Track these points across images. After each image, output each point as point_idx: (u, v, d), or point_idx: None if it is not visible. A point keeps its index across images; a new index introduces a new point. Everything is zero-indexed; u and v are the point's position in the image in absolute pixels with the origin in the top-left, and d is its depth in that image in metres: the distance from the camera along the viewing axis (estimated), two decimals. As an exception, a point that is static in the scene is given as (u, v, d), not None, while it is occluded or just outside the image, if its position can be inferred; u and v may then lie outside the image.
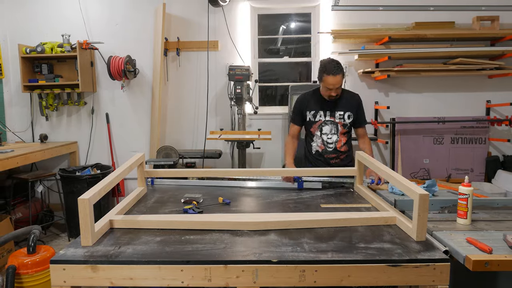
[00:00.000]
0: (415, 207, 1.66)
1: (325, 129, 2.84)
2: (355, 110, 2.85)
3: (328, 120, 2.83)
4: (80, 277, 1.53)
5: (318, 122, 2.84)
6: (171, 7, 4.63)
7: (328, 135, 2.83)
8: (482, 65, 4.28)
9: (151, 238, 1.73)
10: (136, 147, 4.81)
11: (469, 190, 1.83)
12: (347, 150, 2.89)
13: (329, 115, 2.83)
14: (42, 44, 4.46)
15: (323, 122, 2.84)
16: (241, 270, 1.51)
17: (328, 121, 2.84)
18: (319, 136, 2.86)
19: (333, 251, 1.59)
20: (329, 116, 2.83)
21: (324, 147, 2.85)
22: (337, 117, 2.83)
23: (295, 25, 4.97)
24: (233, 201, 2.32)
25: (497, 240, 1.65)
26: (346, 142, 2.86)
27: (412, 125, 4.61)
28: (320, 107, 2.85)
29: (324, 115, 2.84)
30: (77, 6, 4.64)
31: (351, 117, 2.84)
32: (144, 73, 4.76)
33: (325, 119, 2.84)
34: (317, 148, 2.87)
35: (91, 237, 1.66)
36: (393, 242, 1.67)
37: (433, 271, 1.50)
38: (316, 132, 2.86)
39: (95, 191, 1.73)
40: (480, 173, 4.58)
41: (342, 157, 2.87)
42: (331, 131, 2.84)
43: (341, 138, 2.84)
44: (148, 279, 1.52)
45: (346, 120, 2.83)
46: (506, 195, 3.97)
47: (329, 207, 2.18)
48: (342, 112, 2.82)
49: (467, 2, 4.31)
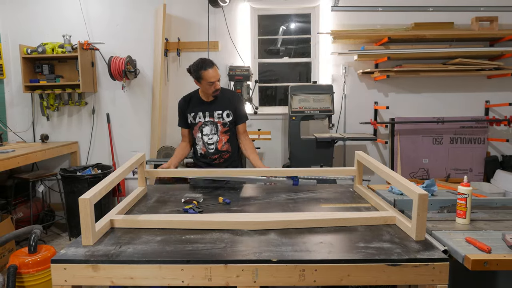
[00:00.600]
0: (415, 206, 1.67)
1: (206, 130, 2.80)
2: (234, 107, 2.82)
3: (208, 120, 2.79)
4: (81, 277, 1.54)
5: (199, 123, 2.80)
6: (171, 7, 4.65)
7: (209, 135, 2.80)
8: (481, 66, 4.30)
9: (152, 238, 1.74)
10: (136, 147, 4.82)
11: (468, 190, 1.84)
12: (230, 150, 2.86)
13: (208, 115, 2.79)
14: (43, 44, 4.48)
15: (203, 123, 2.80)
16: (241, 270, 1.51)
17: (208, 121, 2.79)
18: (200, 138, 2.82)
19: (333, 250, 1.60)
20: (208, 116, 2.79)
21: (205, 149, 2.82)
22: (216, 116, 2.79)
23: (295, 25, 4.98)
24: (233, 201, 2.32)
25: (496, 239, 1.65)
26: (228, 141, 2.83)
27: (411, 125, 4.62)
28: (199, 109, 2.80)
29: (203, 116, 2.80)
30: (78, 6, 4.66)
31: (230, 115, 2.81)
32: (145, 73, 4.79)
33: (205, 120, 2.79)
34: (200, 150, 2.84)
35: (92, 237, 1.67)
36: (393, 241, 1.67)
37: (432, 271, 1.50)
38: (198, 134, 2.82)
39: (95, 191, 1.74)
40: (479, 173, 4.60)
41: (225, 156, 2.85)
42: (211, 131, 2.80)
43: (222, 138, 2.81)
44: (149, 278, 1.53)
45: (225, 119, 2.79)
46: (505, 194, 3.97)
47: (329, 207, 2.18)
48: (221, 111, 2.79)
49: (466, 3, 4.32)
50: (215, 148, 2.81)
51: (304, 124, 4.64)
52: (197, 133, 2.81)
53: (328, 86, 4.37)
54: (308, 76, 4.94)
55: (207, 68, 2.62)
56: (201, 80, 2.65)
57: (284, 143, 4.85)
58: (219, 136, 2.81)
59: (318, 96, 4.29)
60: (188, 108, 2.83)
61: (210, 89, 2.69)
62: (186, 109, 2.84)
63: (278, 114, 4.84)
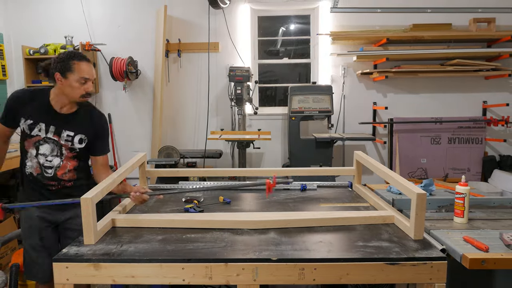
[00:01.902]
0: (413, 206, 1.68)
1: (43, 148, 2.06)
2: (93, 135, 2.14)
3: (50, 138, 2.06)
4: (83, 275, 1.54)
5: (35, 138, 2.04)
6: (172, 9, 4.69)
7: (48, 156, 2.07)
8: (479, 66, 4.34)
9: (153, 237, 1.75)
10: (138, 147, 4.85)
11: (466, 190, 1.85)
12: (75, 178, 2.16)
13: (53, 132, 2.05)
14: (45, 45, 4.52)
15: (42, 139, 2.05)
16: (241, 268, 1.52)
17: (49, 139, 2.05)
18: (33, 156, 2.06)
19: (332, 249, 1.61)
20: (53, 133, 2.05)
21: (40, 171, 2.08)
22: (63, 138, 2.08)
23: (295, 27, 5.02)
24: (234, 200, 2.34)
25: (493, 238, 1.67)
26: (75, 169, 2.15)
27: (409, 126, 4.66)
28: (43, 118, 2.04)
29: (46, 130, 2.04)
30: (79, 8, 4.70)
31: (83, 142, 2.12)
32: (146, 74, 4.82)
33: (46, 135, 2.05)
34: (32, 170, 2.08)
35: (94, 236, 1.68)
36: (391, 240, 1.69)
37: (431, 269, 1.52)
38: (31, 149, 2.06)
39: (97, 190, 1.75)
40: (477, 172, 4.63)
41: (67, 184, 2.15)
42: (52, 153, 2.08)
43: (67, 163, 2.11)
44: (150, 277, 1.54)
45: (76, 145, 2.10)
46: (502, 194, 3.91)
47: (328, 206, 2.19)
48: (72, 133, 2.09)
49: (464, 4, 4.36)
50: (53, 174, 2.10)
51: (304, 124, 4.67)
52: (29, 148, 2.06)
53: (327, 86, 4.41)
54: (308, 76, 4.97)
55: (82, 60, 1.99)
56: (68, 74, 1.96)
57: (283, 143, 4.88)
58: (62, 160, 2.10)
59: (318, 96, 4.34)
60: (24, 109, 2.02)
61: (78, 90, 2.00)
62: (20, 108, 2.02)
63: (278, 115, 4.88)
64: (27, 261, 2.16)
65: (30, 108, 2.03)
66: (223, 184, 2.57)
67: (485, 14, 4.35)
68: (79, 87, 1.99)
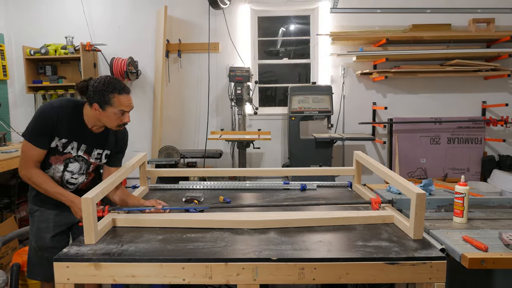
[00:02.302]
0: (412, 206, 1.68)
1: (73, 166, 2.04)
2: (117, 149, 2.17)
3: (80, 156, 2.04)
4: (84, 275, 1.55)
5: (66, 155, 2.01)
6: (172, 9, 4.71)
7: (74, 174, 2.07)
8: (478, 67, 4.36)
9: (153, 237, 1.75)
10: (138, 147, 4.82)
11: (465, 189, 1.85)
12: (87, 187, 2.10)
13: (83, 150, 2.04)
14: (46, 46, 4.54)
15: (72, 157, 2.02)
16: (241, 268, 1.52)
17: (79, 157, 2.04)
18: (60, 171, 2.03)
19: (332, 249, 1.62)
20: (83, 151, 2.04)
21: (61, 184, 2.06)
22: (93, 156, 2.08)
23: (295, 27, 5.04)
24: (234, 200, 2.35)
25: (492, 238, 1.67)
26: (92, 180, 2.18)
27: (409, 126, 4.68)
28: (76, 136, 2.00)
29: (78, 148, 2.02)
30: (80, 8, 4.72)
31: (108, 156, 2.14)
32: (146, 74, 4.84)
33: (77, 154, 2.03)
34: None
35: (94, 235, 1.68)
36: (391, 240, 1.69)
37: (430, 269, 1.52)
38: (58, 165, 2.02)
39: (98, 190, 1.75)
40: (476, 172, 4.65)
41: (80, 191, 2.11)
42: (80, 171, 2.08)
43: (88, 178, 2.15)
44: (150, 276, 1.54)
45: (103, 160, 2.14)
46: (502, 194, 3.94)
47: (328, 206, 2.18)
48: (101, 150, 2.10)
49: (463, 5, 4.39)
50: (75, 190, 2.11)
51: (304, 124, 4.69)
52: (57, 163, 2.01)
53: (327, 87, 4.43)
54: (308, 77, 4.99)
55: (123, 93, 1.91)
56: (107, 106, 1.89)
57: (283, 143, 4.90)
58: (86, 177, 2.13)
59: (317, 96, 4.35)
60: (58, 128, 1.93)
61: (115, 122, 1.95)
62: (55, 129, 1.93)
63: (278, 115, 4.90)
64: (32, 261, 2.13)
65: (65, 126, 1.94)
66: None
67: (484, 15, 4.37)
68: (117, 118, 1.94)
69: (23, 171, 1.95)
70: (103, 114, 1.92)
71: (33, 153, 1.92)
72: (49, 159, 2.00)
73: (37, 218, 2.10)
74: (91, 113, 1.95)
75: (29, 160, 1.93)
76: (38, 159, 1.95)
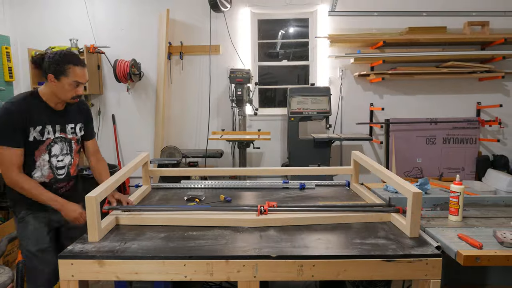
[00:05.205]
0: (409, 204, 1.70)
1: (55, 149, 2.07)
2: (85, 119, 2.23)
3: (59, 136, 2.08)
4: (87, 272, 1.57)
5: (47, 141, 2.03)
6: (174, 12, 4.79)
7: (59, 156, 2.09)
8: (473, 69, 4.42)
9: (156, 234, 1.77)
10: (141, 147, 4.92)
11: (460, 188, 1.87)
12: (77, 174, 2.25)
13: (59, 129, 2.08)
14: (51, 48, 4.57)
15: (52, 140, 2.05)
16: (242, 265, 1.55)
17: (58, 138, 2.08)
18: (46, 161, 2.05)
19: (330, 246, 1.65)
20: (59, 131, 2.08)
21: (53, 175, 2.08)
22: (69, 132, 2.12)
23: (294, 30, 5.11)
24: (234, 198, 2.36)
25: (487, 236, 1.68)
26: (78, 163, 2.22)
27: (405, 126, 4.74)
28: (47, 119, 2.02)
29: (54, 130, 2.05)
30: (84, 11, 4.79)
31: (82, 130, 2.21)
32: (149, 76, 4.92)
33: (55, 136, 2.06)
34: (44, 179, 2.06)
35: (98, 233, 1.70)
36: (388, 238, 1.71)
37: (426, 266, 1.54)
38: (44, 155, 2.03)
39: (101, 189, 1.78)
40: (471, 172, 4.71)
41: (71, 182, 2.22)
42: (62, 151, 2.11)
43: (75, 159, 2.19)
44: (153, 273, 1.56)
45: (78, 134, 2.18)
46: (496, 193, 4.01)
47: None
48: (73, 124, 2.14)
49: (458, 8, 4.46)
50: (66, 173, 2.13)
51: (303, 124, 4.73)
52: (41, 154, 2.03)
53: (326, 88, 4.51)
54: (306, 78, 5.06)
55: (78, 64, 1.97)
56: (62, 76, 1.94)
57: (283, 143, 4.97)
58: (73, 157, 2.16)
59: (316, 97, 4.43)
60: (30, 119, 1.95)
61: (69, 93, 2.00)
62: (26, 121, 1.94)
63: (277, 115, 4.96)
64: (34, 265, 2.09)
65: (33, 115, 1.96)
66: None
67: (479, 18, 4.44)
68: (71, 90, 1.99)
69: (7, 178, 1.94)
70: (58, 85, 1.96)
71: (11, 155, 1.91)
72: (33, 155, 2.00)
73: (32, 220, 2.07)
74: (47, 89, 2.01)
75: (9, 164, 1.91)
76: (19, 161, 1.94)
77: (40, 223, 2.09)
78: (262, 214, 1.94)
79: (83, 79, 2.00)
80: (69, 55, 1.98)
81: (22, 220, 2.08)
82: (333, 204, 2.14)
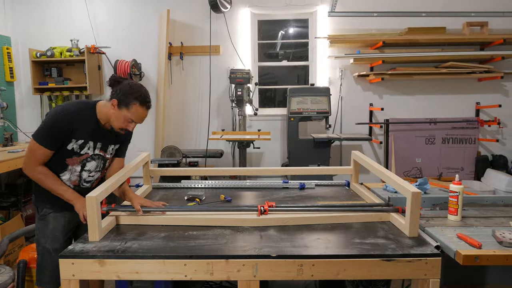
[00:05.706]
0: (408, 204, 1.71)
1: (90, 165, 2.09)
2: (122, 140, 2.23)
3: (97, 154, 2.09)
4: (88, 271, 1.57)
5: (84, 156, 2.04)
6: (175, 13, 4.80)
7: (91, 172, 2.11)
8: (472, 69, 4.44)
9: (156, 234, 1.78)
10: (141, 147, 4.88)
11: (459, 188, 1.88)
12: None
13: (99, 148, 2.08)
14: (52, 48, 4.63)
15: (89, 156, 2.06)
16: (242, 265, 1.55)
17: (96, 155, 2.09)
18: (77, 172, 2.07)
19: (330, 246, 1.65)
20: (99, 149, 2.09)
21: (78, 184, 2.11)
22: (109, 152, 2.15)
23: (294, 30, 5.12)
24: (234, 198, 2.38)
25: (486, 235, 1.69)
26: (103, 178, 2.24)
27: (405, 126, 4.76)
28: (91, 136, 2.02)
29: (94, 147, 2.06)
30: (85, 12, 4.81)
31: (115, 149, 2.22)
32: (149, 76, 4.93)
33: (94, 152, 2.07)
34: (68, 182, 2.07)
35: (99, 233, 1.71)
36: (387, 237, 1.72)
37: (425, 265, 1.55)
38: (76, 166, 2.05)
39: (102, 189, 1.78)
40: (470, 171, 4.73)
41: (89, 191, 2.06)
42: (96, 168, 2.13)
43: (102, 174, 2.22)
44: (153, 273, 1.57)
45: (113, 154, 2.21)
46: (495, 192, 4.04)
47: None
48: (113, 145, 2.16)
49: (457, 9, 4.47)
50: (90, 187, 2.14)
51: (302, 125, 4.77)
52: (74, 164, 2.04)
53: (325, 88, 4.52)
54: (306, 78, 5.08)
55: (143, 105, 1.96)
56: (124, 107, 1.94)
57: (283, 143, 4.99)
58: (101, 173, 2.20)
59: (316, 98, 4.44)
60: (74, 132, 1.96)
61: (121, 124, 1.98)
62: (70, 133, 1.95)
63: (277, 115, 4.98)
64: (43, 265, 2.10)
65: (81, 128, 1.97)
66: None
67: (478, 18, 4.44)
68: (124, 122, 1.97)
69: (27, 169, 1.97)
70: (116, 112, 1.95)
71: (41, 154, 1.94)
72: (65, 160, 2.02)
73: (52, 219, 2.11)
74: (105, 109, 2.00)
75: (35, 159, 1.94)
76: (44, 159, 1.96)
77: (59, 223, 2.12)
78: (262, 214, 1.95)
79: (140, 120, 1.99)
80: (141, 92, 1.96)
81: (43, 218, 2.11)
82: (333, 204, 2.14)
